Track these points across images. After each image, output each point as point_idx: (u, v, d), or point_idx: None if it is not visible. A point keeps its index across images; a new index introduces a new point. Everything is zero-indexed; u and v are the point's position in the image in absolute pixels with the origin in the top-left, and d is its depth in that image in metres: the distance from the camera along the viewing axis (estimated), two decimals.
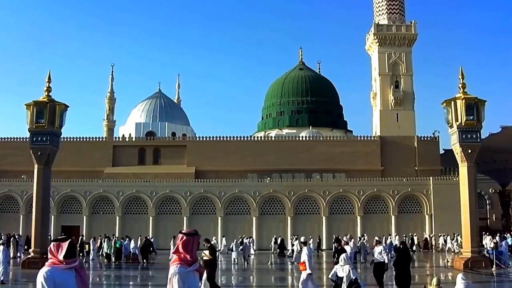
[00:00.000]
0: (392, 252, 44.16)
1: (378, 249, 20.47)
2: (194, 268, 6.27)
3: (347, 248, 22.34)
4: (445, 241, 53.42)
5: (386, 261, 20.49)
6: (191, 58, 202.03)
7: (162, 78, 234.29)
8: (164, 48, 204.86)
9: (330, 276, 18.81)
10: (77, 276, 5.91)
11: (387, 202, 59.93)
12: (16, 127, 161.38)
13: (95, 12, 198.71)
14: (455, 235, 50.55)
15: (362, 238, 46.00)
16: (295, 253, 41.49)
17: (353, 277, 17.07)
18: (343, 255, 18.28)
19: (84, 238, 48.09)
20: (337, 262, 19.30)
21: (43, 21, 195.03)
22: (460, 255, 33.38)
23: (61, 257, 5.81)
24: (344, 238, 38.19)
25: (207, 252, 19.27)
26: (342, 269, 17.47)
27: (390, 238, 51.19)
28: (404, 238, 49.62)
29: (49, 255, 5.95)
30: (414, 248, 50.98)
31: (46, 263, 5.94)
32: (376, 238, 22.50)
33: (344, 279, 17.20)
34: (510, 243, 40.85)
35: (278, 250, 49.66)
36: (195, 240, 6.35)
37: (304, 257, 17.50)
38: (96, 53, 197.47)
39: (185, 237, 6.34)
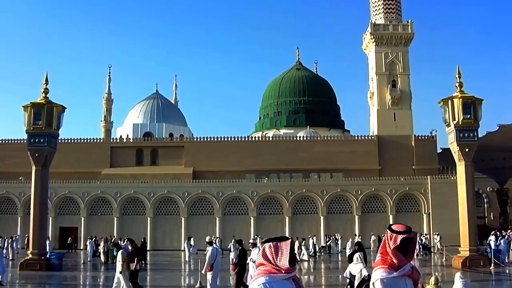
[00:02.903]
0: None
1: (255, 252, 19.43)
2: (402, 274, 4.99)
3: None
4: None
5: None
6: (188, 59, 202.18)
7: (159, 78, 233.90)
8: (161, 48, 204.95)
9: (344, 275, 18.82)
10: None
11: (385, 202, 60.00)
12: (13, 128, 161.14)
13: (92, 13, 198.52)
14: (421, 235, 51.04)
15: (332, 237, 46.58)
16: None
17: (365, 275, 17.14)
18: (356, 254, 18.27)
19: (97, 239, 45.65)
20: (236, 263, 19.13)
21: (40, 22, 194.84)
22: (459, 254, 33.39)
23: (284, 263, 4.55)
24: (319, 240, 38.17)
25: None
26: (355, 268, 17.56)
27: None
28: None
29: (262, 260, 4.66)
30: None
31: (259, 272, 4.66)
32: (251, 240, 21.69)
33: (357, 277, 17.31)
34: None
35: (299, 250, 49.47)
36: (394, 238, 5.06)
37: (207, 257, 17.27)
38: (93, 54, 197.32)
39: (388, 234, 5.14)
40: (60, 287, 26.41)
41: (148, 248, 46.89)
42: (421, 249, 45.72)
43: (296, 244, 41.27)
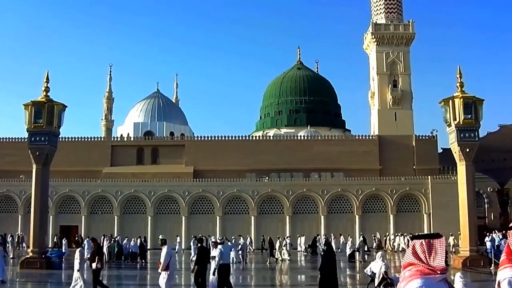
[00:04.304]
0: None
1: (216, 251, 19.28)
2: None
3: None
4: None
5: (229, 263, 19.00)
6: (189, 58, 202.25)
7: (160, 77, 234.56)
8: (162, 47, 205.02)
9: (365, 271, 19.18)
10: None
11: (385, 201, 59.98)
12: (14, 127, 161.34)
13: (93, 12, 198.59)
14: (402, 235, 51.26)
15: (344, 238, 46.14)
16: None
17: (383, 271, 17.35)
18: (379, 253, 18.42)
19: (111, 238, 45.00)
20: (195, 262, 19.23)
21: (41, 21, 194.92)
22: (459, 254, 33.43)
23: (439, 262, 4.00)
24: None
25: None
26: (376, 266, 17.79)
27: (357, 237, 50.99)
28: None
29: (412, 259, 4.07)
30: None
31: (410, 273, 4.05)
32: (212, 239, 21.68)
33: (377, 275, 17.53)
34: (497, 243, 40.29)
35: (310, 249, 49.22)
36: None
37: (162, 256, 17.26)
38: (94, 53, 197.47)
39: (508, 233, 4.68)
40: (60, 286, 26.41)
41: (148, 247, 47.01)
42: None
43: (277, 244, 41.22)
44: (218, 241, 19.29)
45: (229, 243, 36.05)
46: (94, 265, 18.64)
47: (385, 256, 18.07)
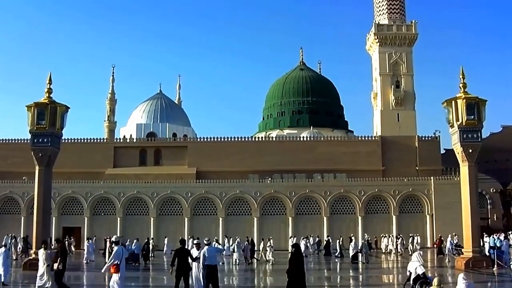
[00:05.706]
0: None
1: (195, 252, 19.30)
2: None
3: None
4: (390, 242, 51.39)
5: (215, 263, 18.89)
6: (192, 59, 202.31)
7: (163, 79, 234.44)
8: (165, 49, 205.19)
9: (408, 272, 19.39)
10: None
11: (388, 202, 59.92)
12: (17, 128, 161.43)
13: (96, 13, 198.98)
14: (393, 236, 51.13)
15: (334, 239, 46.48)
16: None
17: (420, 273, 17.55)
18: (415, 253, 18.62)
19: (153, 241, 45.90)
20: (172, 264, 19.04)
21: (44, 22, 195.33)
22: (462, 255, 33.39)
23: None
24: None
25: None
26: (412, 266, 18.03)
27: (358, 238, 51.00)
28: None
29: None
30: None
31: None
32: (195, 240, 21.55)
33: (412, 274, 17.83)
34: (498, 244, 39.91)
35: (324, 250, 49.10)
36: None
37: (112, 256, 17.11)
38: (97, 54, 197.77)
39: None
40: None
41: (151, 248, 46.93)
42: (453, 249, 45.31)
43: (261, 245, 41.11)
44: (205, 242, 19.22)
45: (219, 246, 36.09)
46: (55, 266, 18.95)
47: (421, 255, 18.34)
